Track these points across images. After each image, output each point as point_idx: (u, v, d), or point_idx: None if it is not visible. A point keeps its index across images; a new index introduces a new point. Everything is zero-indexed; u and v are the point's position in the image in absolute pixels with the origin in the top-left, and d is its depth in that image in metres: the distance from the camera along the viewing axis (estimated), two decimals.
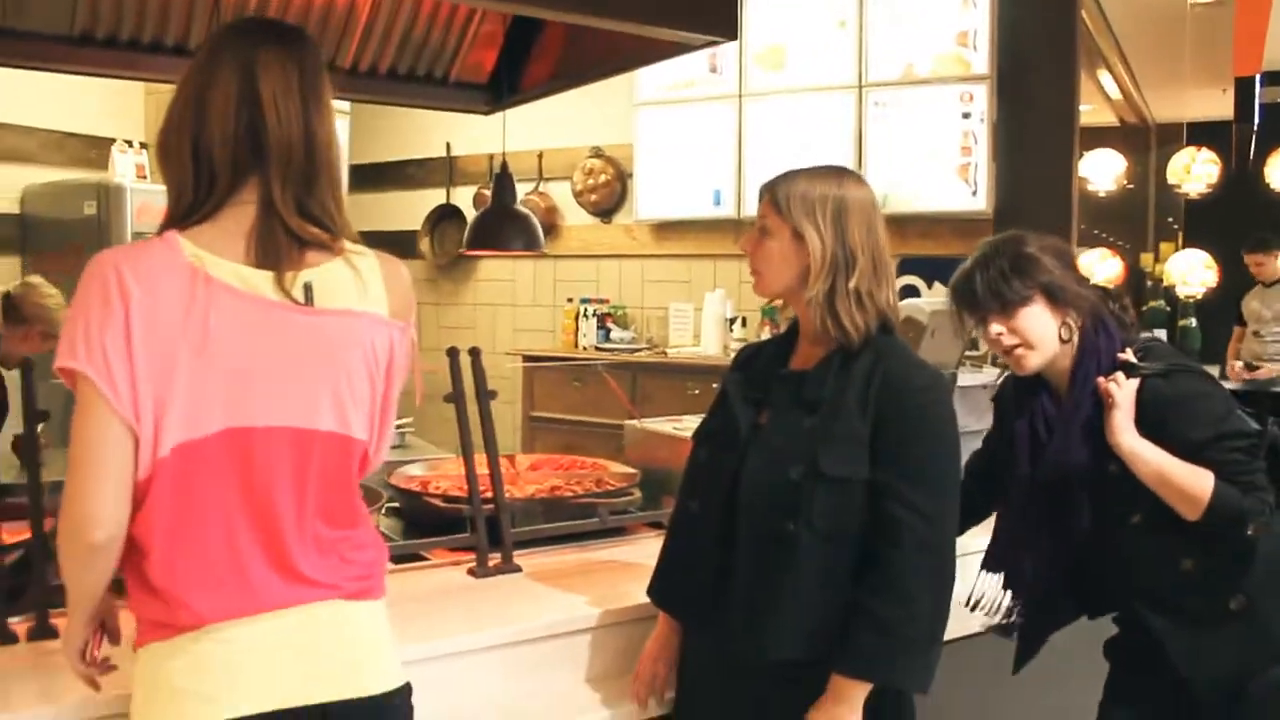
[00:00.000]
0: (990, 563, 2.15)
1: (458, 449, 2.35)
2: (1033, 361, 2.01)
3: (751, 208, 5.48)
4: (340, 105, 5.31)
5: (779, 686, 1.78)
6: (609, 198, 6.11)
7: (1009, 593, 2.13)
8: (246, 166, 1.42)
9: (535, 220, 3.63)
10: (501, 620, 2.03)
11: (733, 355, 5.32)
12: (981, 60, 4.91)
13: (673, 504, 2.73)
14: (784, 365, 1.90)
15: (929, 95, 5.00)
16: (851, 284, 1.78)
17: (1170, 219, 10.78)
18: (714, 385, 4.84)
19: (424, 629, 1.95)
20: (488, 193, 6.49)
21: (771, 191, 1.86)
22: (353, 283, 1.46)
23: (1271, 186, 9.93)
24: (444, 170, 6.57)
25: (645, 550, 2.53)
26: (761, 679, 1.80)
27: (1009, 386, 2.20)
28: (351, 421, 1.45)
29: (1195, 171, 10.96)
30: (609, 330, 5.86)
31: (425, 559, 2.35)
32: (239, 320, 1.36)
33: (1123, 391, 1.94)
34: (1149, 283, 9.27)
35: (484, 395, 2.37)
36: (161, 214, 1.47)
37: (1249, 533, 1.89)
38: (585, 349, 5.82)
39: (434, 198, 6.61)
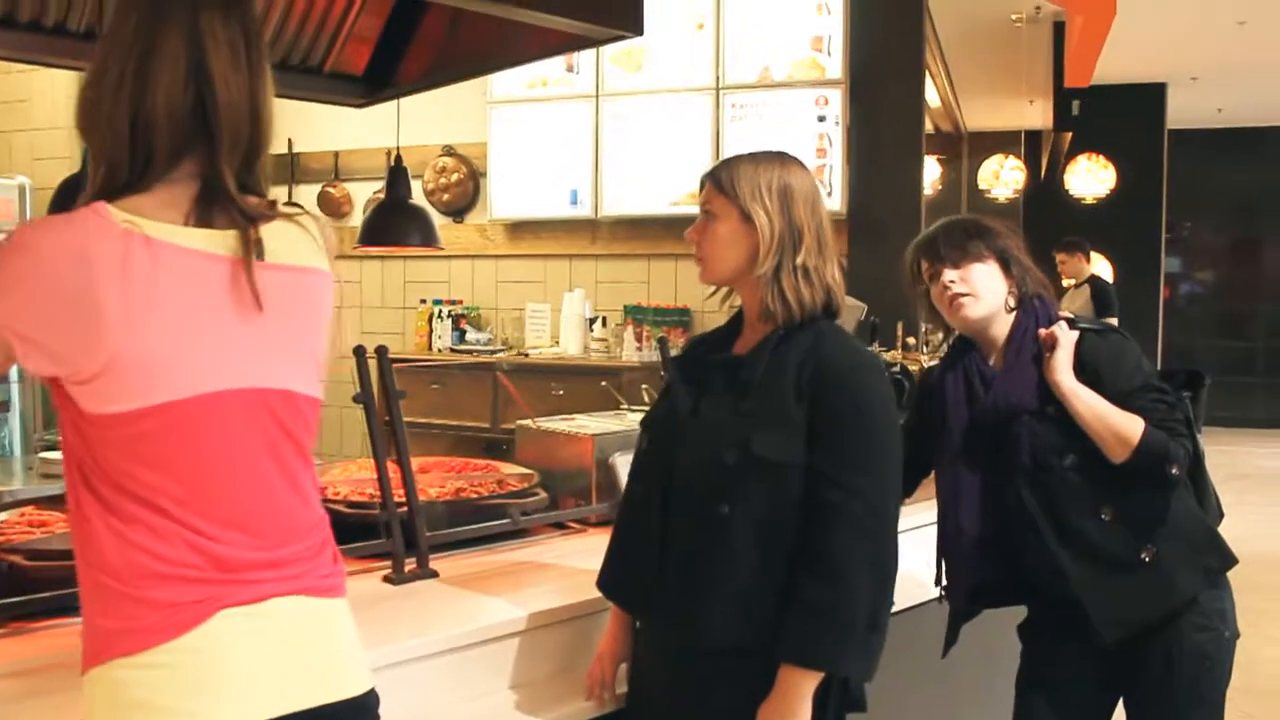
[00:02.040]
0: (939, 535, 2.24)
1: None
2: (973, 311, 2.12)
3: (610, 207, 5.51)
4: None
5: (721, 675, 1.78)
6: (461, 197, 5.99)
7: (942, 560, 2.22)
8: (189, 143, 1.32)
9: (430, 215, 3.52)
10: (426, 629, 1.95)
11: (594, 356, 5.34)
12: (836, 65, 5.04)
13: (573, 505, 2.74)
14: (726, 351, 1.91)
15: (785, 99, 5.11)
16: (798, 260, 1.81)
17: None
18: (576, 386, 4.85)
19: None
20: (333, 190, 6.33)
21: (715, 177, 1.88)
22: (302, 237, 1.39)
23: (1071, 193, 10.64)
24: (284, 167, 6.31)
25: (555, 551, 2.49)
26: (703, 667, 1.79)
27: (934, 373, 2.29)
28: (312, 379, 1.39)
29: (1004, 177, 11.66)
30: (464, 332, 5.76)
31: None
32: (190, 278, 1.27)
33: (1065, 336, 2.08)
34: None
35: (393, 396, 2.28)
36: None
37: (1172, 472, 2.03)
38: (440, 351, 5.70)
39: (273, 196, 6.33)
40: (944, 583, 2.24)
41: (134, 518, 1.25)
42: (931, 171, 9.75)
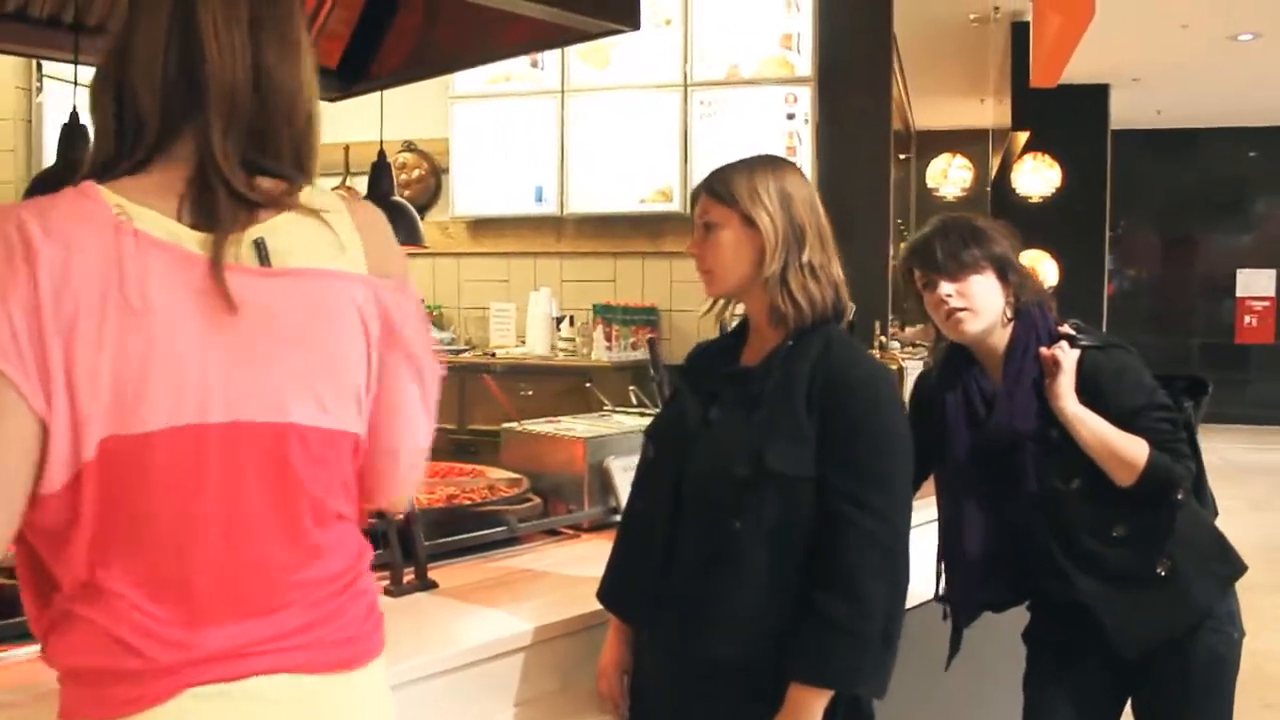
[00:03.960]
0: (941, 551, 2.20)
1: None
2: (972, 326, 2.07)
3: (575, 205, 5.44)
4: None
5: (727, 688, 1.74)
6: (422, 194, 5.87)
7: (944, 576, 2.19)
8: (181, 115, 1.13)
9: (414, 212, 3.43)
10: (431, 645, 1.88)
11: (561, 355, 5.27)
12: (805, 63, 5.01)
13: (563, 510, 2.67)
14: (734, 361, 1.87)
15: (754, 96, 5.07)
16: (804, 258, 1.78)
17: (899, 220, 11.55)
18: (545, 387, 4.77)
19: None
20: None
21: (709, 188, 1.84)
22: (320, 235, 1.17)
23: (1018, 192, 10.77)
24: None
25: (551, 558, 2.42)
26: (709, 682, 1.75)
27: (931, 376, 2.25)
28: (334, 409, 1.15)
29: (952, 176, 11.77)
30: None
31: None
32: (179, 285, 1.08)
33: (1067, 358, 2.02)
34: None
35: None
36: None
37: (1178, 497, 2.01)
38: None
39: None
40: (943, 595, 2.21)
41: (96, 601, 1.08)
42: None
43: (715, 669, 1.74)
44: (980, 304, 2.07)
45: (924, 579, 2.25)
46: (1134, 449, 1.98)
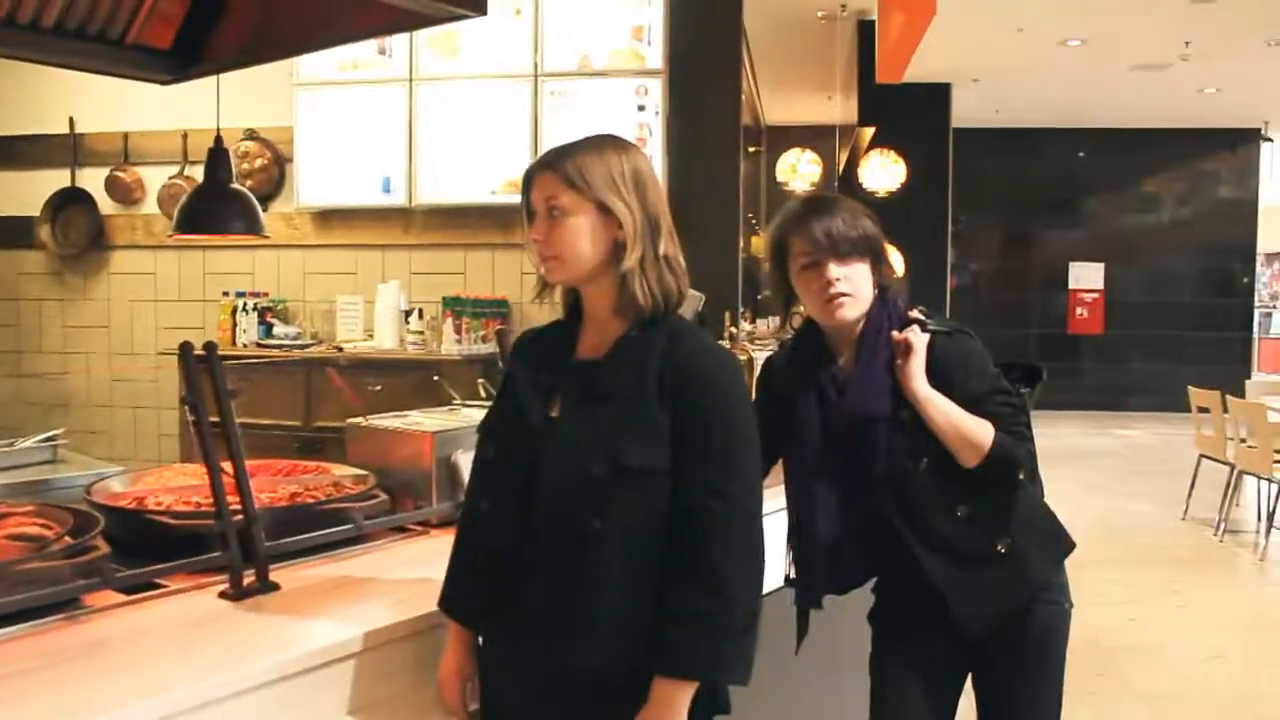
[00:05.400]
0: (791, 535, 2.22)
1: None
2: (851, 312, 2.09)
3: (424, 196, 5.34)
4: None
5: (586, 691, 1.70)
6: (265, 184, 5.67)
7: (791, 557, 2.21)
8: None
9: (254, 200, 3.29)
10: (265, 651, 1.78)
11: (410, 349, 5.18)
12: (656, 55, 5.03)
13: (411, 506, 2.61)
14: (570, 352, 1.81)
15: (605, 87, 5.07)
16: (661, 249, 1.74)
17: (750, 214, 11.77)
18: (394, 381, 4.67)
19: (181, 671, 1.68)
20: (122, 175, 5.89)
21: (554, 169, 1.74)
22: None
23: (865, 186, 11.06)
24: (66, 149, 5.83)
25: (398, 556, 2.36)
26: (569, 689, 1.71)
27: (778, 358, 2.27)
28: None
29: (801, 170, 12.02)
30: (271, 325, 5.46)
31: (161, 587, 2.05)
32: None
33: (918, 341, 2.06)
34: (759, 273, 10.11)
35: (224, 395, 2.10)
36: None
37: (1020, 477, 2.07)
38: (245, 346, 5.39)
39: (55, 179, 5.85)
40: (793, 578, 2.24)
41: None
42: None
43: (579, 680, 1.69)
44: (861, 289, 2.08)
45: (775, 566, 2.28)
46: (980, 431, 2.04)
